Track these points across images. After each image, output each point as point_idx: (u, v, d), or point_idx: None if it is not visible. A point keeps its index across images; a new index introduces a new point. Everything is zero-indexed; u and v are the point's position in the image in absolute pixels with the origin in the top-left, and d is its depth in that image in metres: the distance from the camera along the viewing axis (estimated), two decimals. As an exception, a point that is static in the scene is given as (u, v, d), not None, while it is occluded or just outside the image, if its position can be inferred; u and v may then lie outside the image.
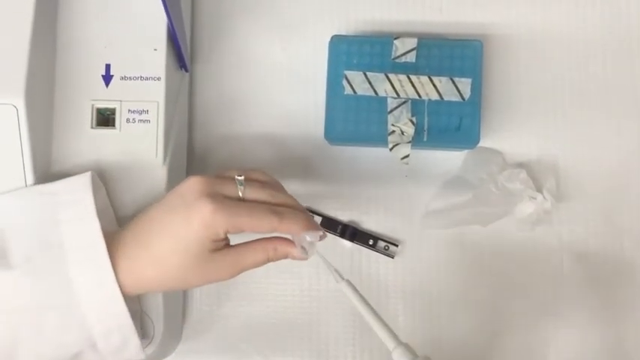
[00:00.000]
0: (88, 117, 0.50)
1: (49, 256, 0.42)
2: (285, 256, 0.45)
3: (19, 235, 0.43)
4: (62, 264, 0.41)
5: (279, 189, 0.46)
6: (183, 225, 0.41)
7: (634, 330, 0.56)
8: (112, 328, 0.42)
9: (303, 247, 0.45)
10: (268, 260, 0.45)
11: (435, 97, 0.53)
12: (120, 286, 0.41)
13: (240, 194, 0.43)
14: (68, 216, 0.43)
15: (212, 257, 0.43)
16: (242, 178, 0.44)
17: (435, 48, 0.54)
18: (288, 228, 0.43)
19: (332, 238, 0.57)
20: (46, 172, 0.48)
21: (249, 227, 0.42)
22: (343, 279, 0.46)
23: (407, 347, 0.44)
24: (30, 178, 0.46)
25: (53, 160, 0.49)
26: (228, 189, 0.43)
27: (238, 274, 0.44)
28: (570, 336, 0.56)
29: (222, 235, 0.42)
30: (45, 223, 0.43)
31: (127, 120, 0.50)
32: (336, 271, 0.47)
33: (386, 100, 0.53)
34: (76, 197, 0.44)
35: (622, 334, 0.56)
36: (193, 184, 0.42)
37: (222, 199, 0.42)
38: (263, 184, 0.45)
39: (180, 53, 0.53)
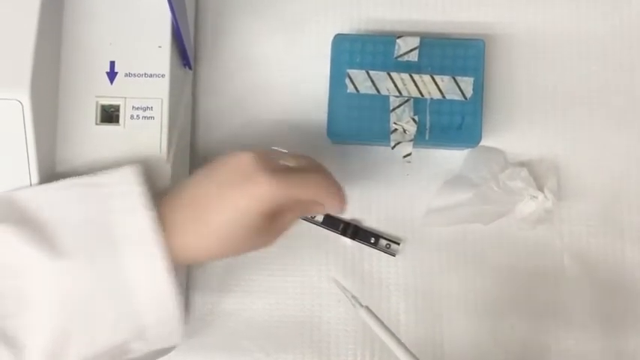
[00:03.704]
0: (92, 113, 0.50)
1: (103, 247, 0.42)
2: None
3: (70, 227, 0.42)
4: (115, 256, 0.42)
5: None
6: (245, 199, 0.42)
7: (634, 330, 0.56)
8: (162, 320, 0.43)
9: None
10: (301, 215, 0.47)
11: (437, 95, 0.54)
12: (171, 265, 0.42)
13: (289, 164, 0.45)
14: (120, 207, 0.43)
15: (265, 226, 0.44)
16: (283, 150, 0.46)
17: (437, 47, 0.54)
18: (329, 202, 0.46)
19: (334, 237, 0.58)
20: (51, 168, 0.48)
21: (304, 197, 0.44)
22: (362, 306, 0.47)
23: None
24: (34, 174, 0.46)
25: (57, 156, 0.49)
26: (277, 160, 0.45)
27: (279, 238, 0.46)
28: (570, 334, 0.56)
29: (278, 205, 0.43)
30: (96, 214, 0.43)
31: (131, 116, 0.50)
32: (354, 297, 0.48)
33: (388, 98, 0.54)
34: (126, 188, 0.44)
35: (623, 334, 0.56)
36: (247, 158, 0.43)
37: (279, 171, 0.42)
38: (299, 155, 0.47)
39: (184, 51, 0.53)
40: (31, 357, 0.40)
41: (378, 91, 0.54)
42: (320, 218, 0.57)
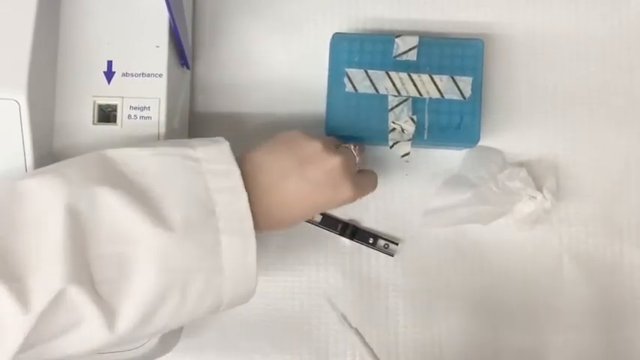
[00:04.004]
0: (89, 113, 0.50)
1: (204, 223, 0.43)
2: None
3: (174, 199, 0.43)
4: (216, 233, 0.43)
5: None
6: (328, 201, 0.48)
7: (633, 330, 0.56)
8: (239, 299, 0.46)
9: None
10: None
11: (435, 95, 0.54)
12: None
13: (357, 160, 0.51)
14: (219, 186, 0.44)
15: None
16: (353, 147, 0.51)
17: (436, 46, 0.54)
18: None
19: (332, 237, 0.57)
20: (48, 168, 0.48)
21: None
22: (352, 327, 0.49)
23: None
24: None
25: (55, 156, 0.49)
26: (353, 161, 0.50)
27: None
28: (569, 335, 0.56)
29: None
30: (196, 189, 0.44)
31: (129, 116, 0.50)
32: (344, 317, 0.49)
33: (387, 97, 0.54)
34: (225, 168, 0.45)
35: (621, 334, 0.56)
36: (338, 165, 0.47)
37: (357, 180, 0.49)
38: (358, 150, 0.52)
39: (182, 50, 0.53)
40: (122, 323, 0.41)
41: (376, 90, 0.54)
42: (318, 218, 0.57)
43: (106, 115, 0.50)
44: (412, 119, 0.53)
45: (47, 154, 0.48)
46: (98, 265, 0.40)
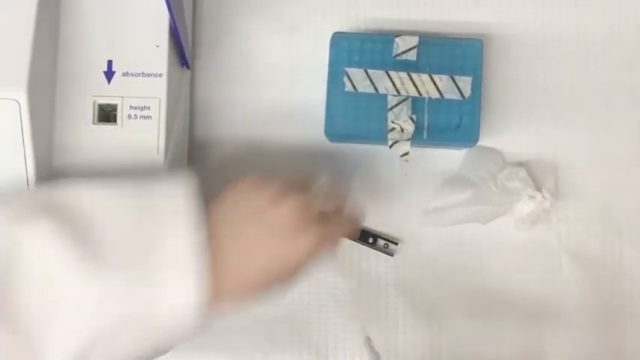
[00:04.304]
0: (89, 113, 0.50)
1: (146, 267, 0.40)
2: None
3: (120, 237, 0.41)
4: (157, 278, 0.40)
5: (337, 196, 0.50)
6: (290, 251, 0.43)
7: (632, 330, 0.56)
8: (179, 340, 0.43)
9: None
10: None
11: (435, 95, 0.54)
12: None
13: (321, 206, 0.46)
14: (170, 230, 0.41)
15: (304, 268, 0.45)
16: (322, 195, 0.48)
17: (435, 46, 0.54)
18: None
19: (332, 236, 0.57)
20: (48, 168, 0.48)
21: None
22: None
23: None
24: (31, 173, 0.46)
25: (54, 155, 0.49)
26: (316, 205, 0.45)
27: None
28: (569, 334, 0.56)
29: None
30: (146, 229, 0.41)
31: (129, 116, 0.50)
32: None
33: (386, 97, 0.54)
34: (179, 208, 0.42)
35: (620, 334, 0.56)
36: (296, 211, 0.43)
37: (321, 226, 0.44)
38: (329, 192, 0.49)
39: (182, 50, 0.53)
40: None
41: (376, 89, 0.54)
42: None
43: (106, 114, 0.50)
44: (412, 119, 0.53)
45: (47, 154, 0.48)
46: (22, 311, 0.38)
